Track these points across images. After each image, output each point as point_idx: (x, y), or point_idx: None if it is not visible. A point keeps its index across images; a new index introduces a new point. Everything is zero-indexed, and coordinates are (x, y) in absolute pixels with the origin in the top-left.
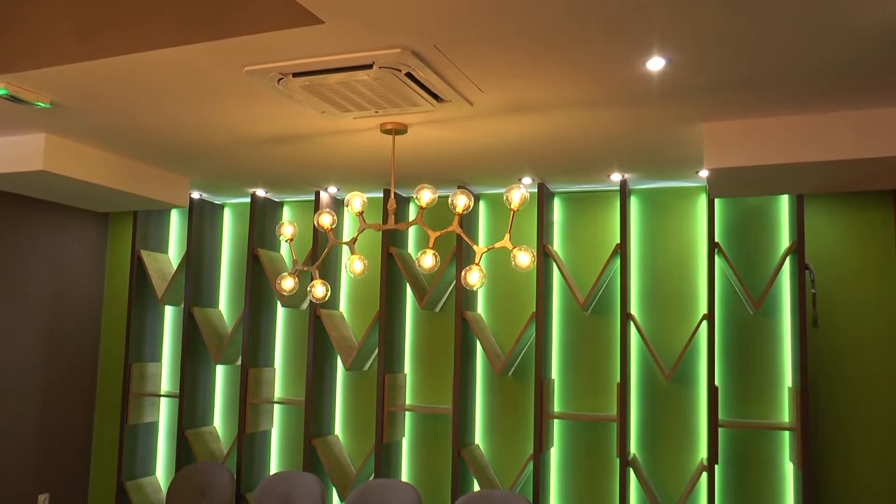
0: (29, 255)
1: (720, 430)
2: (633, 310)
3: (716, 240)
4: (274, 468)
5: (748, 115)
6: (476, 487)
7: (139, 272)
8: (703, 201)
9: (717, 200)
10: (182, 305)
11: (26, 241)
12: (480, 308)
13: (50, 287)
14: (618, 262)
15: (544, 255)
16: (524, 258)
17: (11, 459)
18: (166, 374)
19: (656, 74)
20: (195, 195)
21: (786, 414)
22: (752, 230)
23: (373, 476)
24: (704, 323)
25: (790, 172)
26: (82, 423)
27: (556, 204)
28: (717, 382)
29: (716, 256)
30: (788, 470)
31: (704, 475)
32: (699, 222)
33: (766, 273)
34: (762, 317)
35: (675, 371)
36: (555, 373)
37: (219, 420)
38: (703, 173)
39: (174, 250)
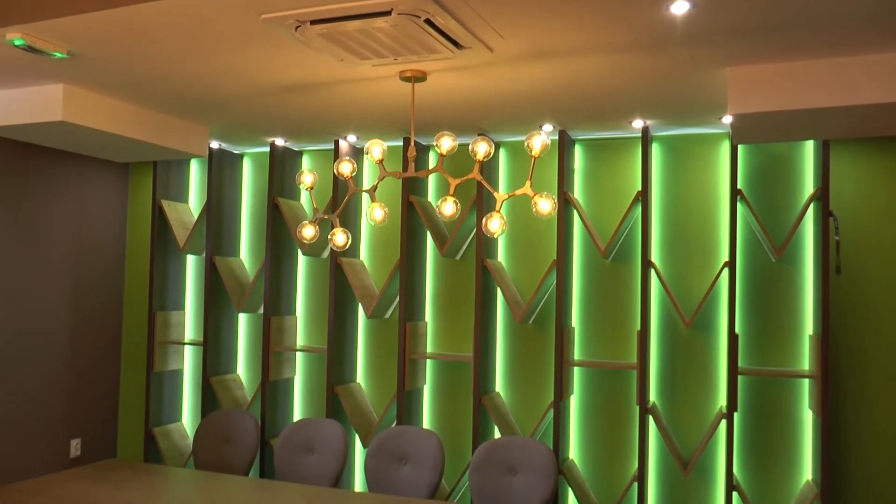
0: (52, 207)
1: (740, 377)
2: (654, 257)
3: (738, 187)
4: (297, 415)
5: (774, 59)
6: (497, 434)
7: (160, 222)
8: (725, 148)
9: (740, 147)
10: (203, 254)
11: (49, 193)
12: (501, 256)
13: (73, 238)
14: (639, 209)
15: (565, 203)
16: (545, 205)
17: (44, 406)
18: (190, 323)
19: (680, 17)
20: (214, 145)
21: (806, 362)
22: (775, 177)
23: (395, 423)
24: (725, 270)
25: (816, 117)
26: (109, 370)
27: (577, 151)
28: (737, 330)
29: (738, 203)
30: (807, 418)
31: (723, 423)
32: (721, 169)
33: (789, 220)
34: (784, 264)
35: (695, 319)
36: (575, 321)
37: (242, 367)
38: (727, 119)
39: (194, 200)
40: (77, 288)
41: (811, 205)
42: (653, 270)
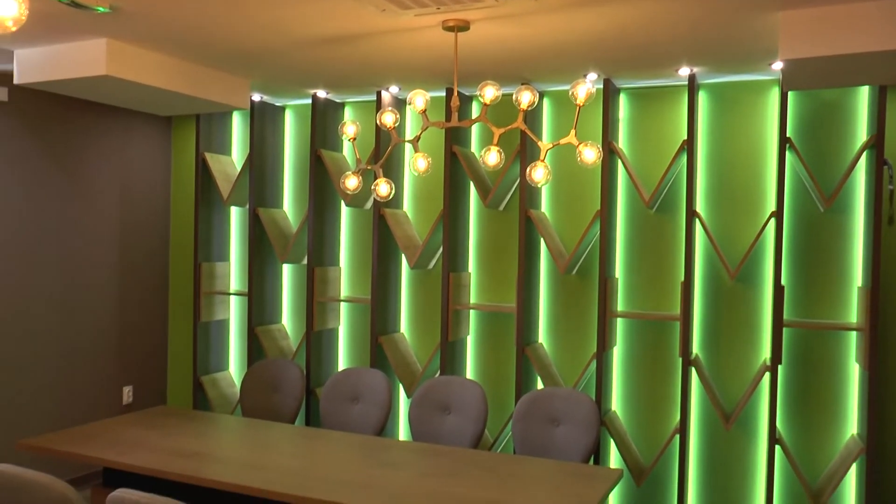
0: (97, 161)
1: (784, 330)
2: (699, 207)
3: (787, 135)
4: (342, 364)
5: (827, 2)
6: (539, 385)
7: (204, 174)
8: (774, 95)
9: (790, 94)
10: (247, 206)
11: (94, 147)
12: (544, 206)
13: (119, 191)
14: (684, 158)
15: (609, 153)
16: (590, 154)
17: (97, 355)
18: (235, 274)
19: None
20: (256, 97)
21: (854, 314)
22: (826, 124)
23: (438, 373)
24: (772, 221)
25: (871, 62)
26: (157, 320)
27: (622, 100)
28: (783, 281)
29: (787, 152)
30: (854, 371)
31: (767, 376)
32: (770, 117)
33: (840, 169)
34: (833, 214)
35: (740, 270)
36: (618, 271)
37: (287, 318)
38: (777, 65)
39: (237, 152)
40: (124, 240)
41: (864, 153)
42: (697, 221)
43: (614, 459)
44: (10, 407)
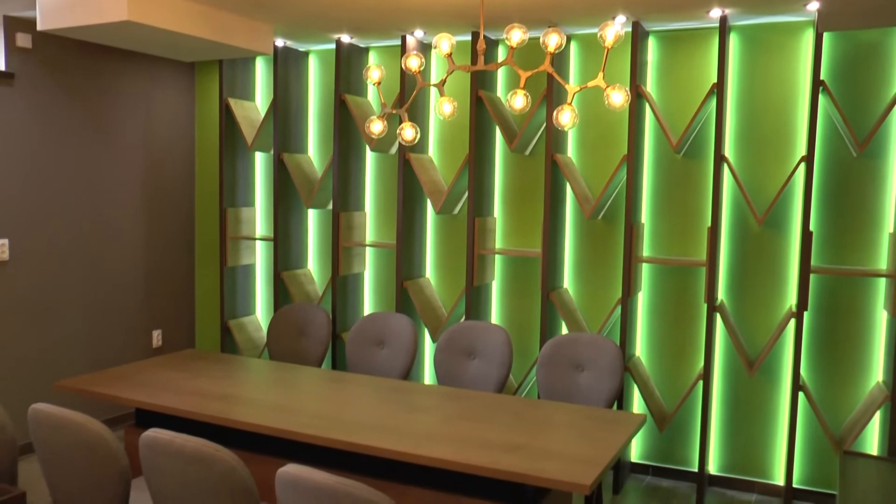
0: (121, 107)
1: (812, 276)
2: (728, 152)
3: (821, 78)
4: (367, 309)
5: None
6: (564, 330)
7: (228, 120)
8: (809, 37)
9: (825, 35)
10: (272, 152)
11: (117, 93)
12: (571, 151)
13: (143, 137)
14: (713, 102)
15: (637, 96)
16: (618, 97)
17: (127, 299)
18: (260, 219)
19: None
20: (279, 43)
21: (884, 261)
22: (861, 67)
23: (463, 318)
24: (802, 165)
25: None
26: (185, 265)
27: (651, 43)
28: (811, 227)
29: (820, 95)
30: (881, 318)
31: (792, 322)
32: (803, 60)
33: (875, 113)
34: (866, 159)
35: (767, 215)
36: (645, 216)
37: (313, 263)
38: (813, 6)
39: (261, 98)
40: (149, 186)
41: None
42: (725, 165)
43: (637, 405)
44: (46, 351)
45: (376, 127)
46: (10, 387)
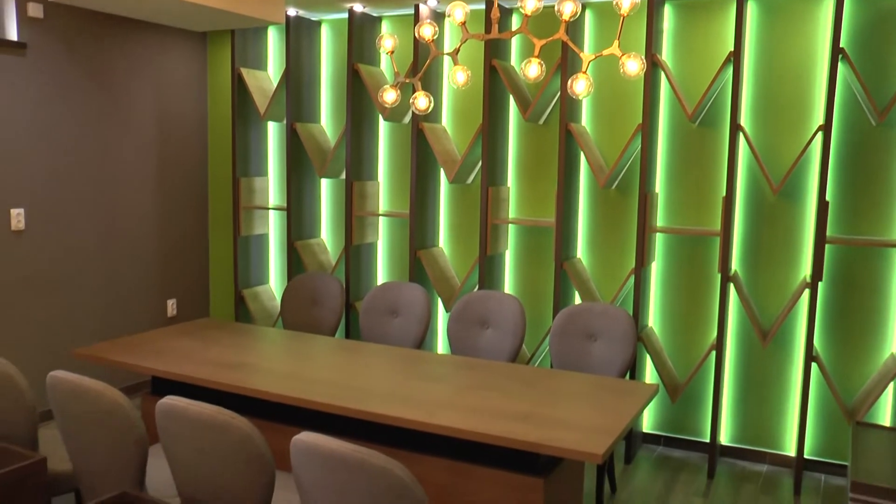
0: (133, 77)
1: (827, 246)
2: (744, 121)
3: (841, 45)
4: (381, 279)
5: None
6: (577, 300)
7: (240, 90)
8: (828, 4)
9: (846, 2)
10: (284, 121)
11: (129, 63)
12: (585, 120)
13: (156, 107)
14: (730, 71)
15: (652, 65)
16: (633, 65)
17: (142, 268)
18: (273, 189)
19: None
20: (291, 12)
21: None
22: (883, 35)
23: (476, 287)
24: (819, 134)
25: None
26: (198, 235)
27: (667, 11)
28: (828, 197)
29: (839, 63)
30: None
31: (806, 293)
32: (822, 27)
33: None
34: (885, 128)
35: (783, 185)
36: (659, 186)
37: (326, 232)
38: None
39: (273, 68)
40: (162, 156)
41: None
42: (741, 135)
43: (650, 375)
44: (62, 319)
45: (389, 96)
46: (28, 354)
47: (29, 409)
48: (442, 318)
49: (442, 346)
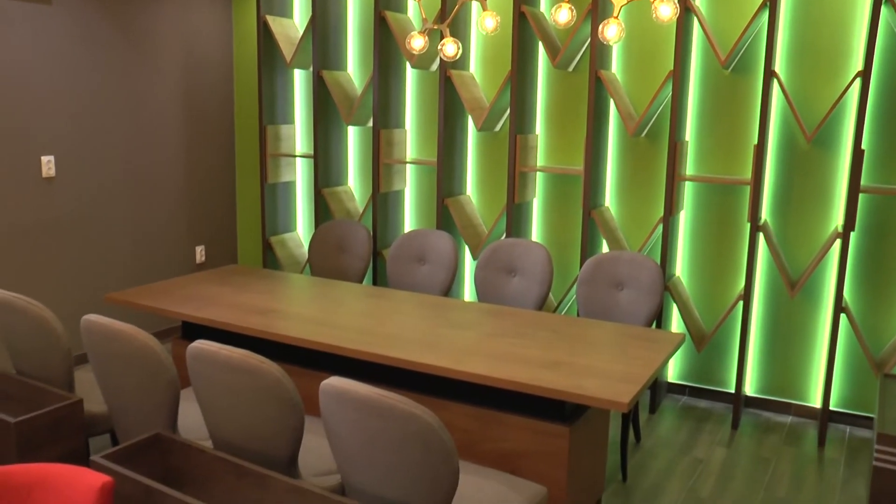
0: (159, 25)
1: (860, 195)
2: (778, 68)
3: None
4: (408, 226)
5: None
6: (605, 249)
7: (266, 37)
8: None
9: None
10: (311, 69)
11: (156, 12)
12: (615, 67)
13: (182, 55)
14: (765, 16)
15: (685, 10)
16: (666, 10)
17: (170, 215)
18: (300, 136)
19: None
20: None
21: None
22: None
23: (504, 235)
24: (858, 81)
25: None
26: (226, 182)
27: None
28: (863, 145)
29: (882, 7)
30: None
31: (837, 243)
32: None
33: None
34: None
35: (817, 132)
36: (689, 134)
37: (353, 180)
38: None
39: (299, 15)
40: (189, 104)
41: None
42: (775, 81)
43: (676, 325)
44: (93, 266)
45: (417, 43)
46: (62, 300)
47: (65, 352)
48: (469, 265)
49: (469, 293)
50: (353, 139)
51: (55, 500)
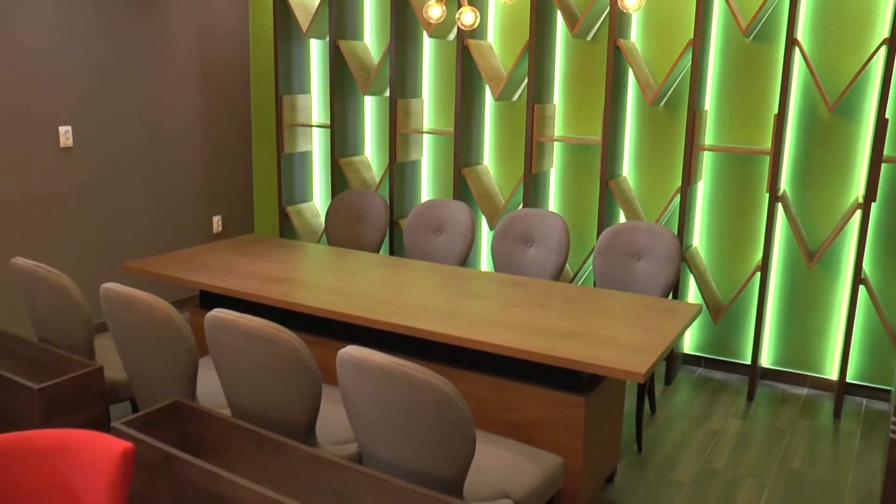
0: None
1: (883, 165)
2: (800, 35)
3: None
4: (425, 196)
5: None
6: (622, 219)
7: (282, 7)
8: None
9: None
10: (327, 39)
11: None
12: (634, 36)
13: (198, 25)
14: None
15: None
16: None
17: (187, 185)
18: (317, 106)
19: None
20: None
21: None
22: None
23: (521, 205)
24: (883, 49)
25: None
26: (242, 152)
27: None
28: (888, 114)
29: None
30: None
31: (858, 213)
32: None
33: None
34: None
35: (839, 102)
36: (708, 103)
37: (370, 150)
38: None
39: None
40: (205, 74)
41: None
42: (797, 49)
43: (693, 296)
44: (111, 235)
45: (434, 12)
46: (81, 268)
47: (85, 319)
48: (486, 235)
49: (486, 263)
50: (370, 109)
51: (78, 465)
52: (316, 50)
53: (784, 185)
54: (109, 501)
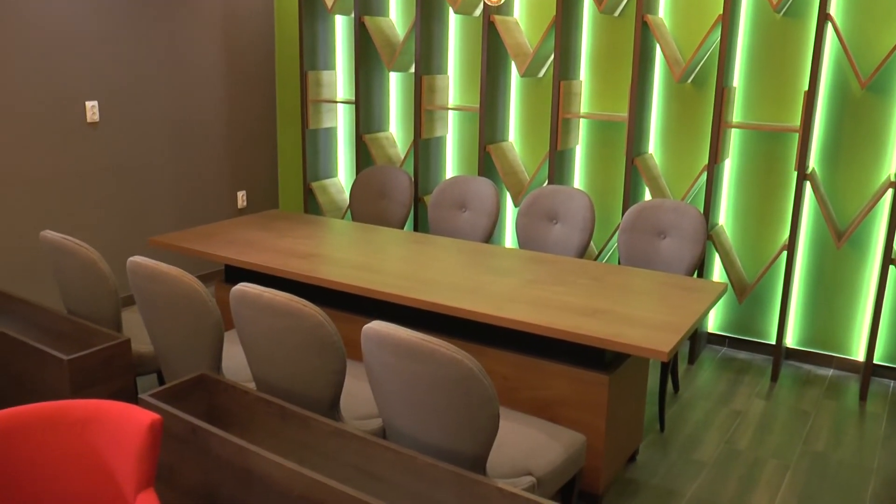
0: None
1: None
2: (833, 10)
3: None
4: (450, 173)
5: None
6: (647, 196)
7: None
8: None
9: None
10: (352, 14)
11: None
12: (662, 11)
13: (223, 2)
14: None
15: None
16: None
17: (212, 160)
18: (342, 82)
19: None
20: None
21: None
22: None
23: (546, 182)
24: None
25: None
26: (267, 128)
27: None
28: None
29: None
30: None
31: (889, 193)
32: None
33: None
34: None
35: (873, 77)
36: (737, 80)
37: (395, 126)
38: None
39: None
40: (230, 50)
41: None
42: (830, 25)
43: (718, 275)
44: (136, 209)
45: None
46: (108, 242)
47: (112, 292)
48: (511, 212)
49: (510, 240)
50: (395, 85)
51: (108, 435)
52: (341, 26)
53: (813, 163)
54: (138, 471)
